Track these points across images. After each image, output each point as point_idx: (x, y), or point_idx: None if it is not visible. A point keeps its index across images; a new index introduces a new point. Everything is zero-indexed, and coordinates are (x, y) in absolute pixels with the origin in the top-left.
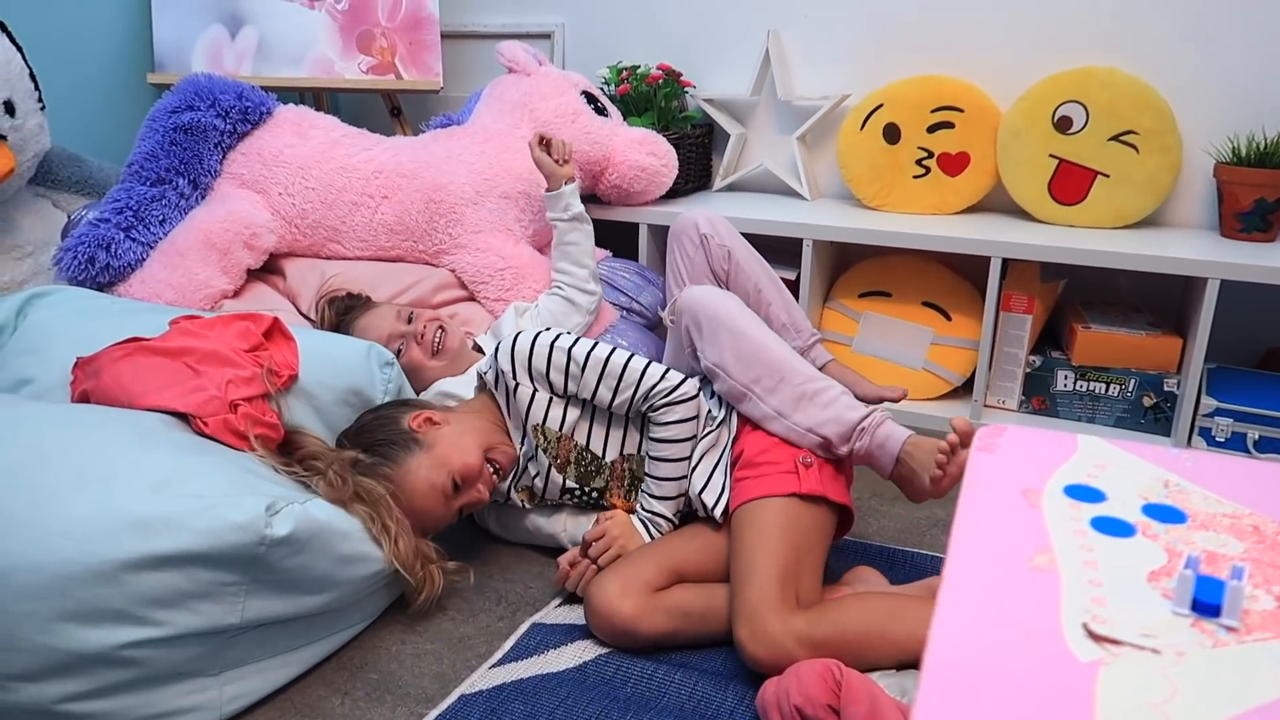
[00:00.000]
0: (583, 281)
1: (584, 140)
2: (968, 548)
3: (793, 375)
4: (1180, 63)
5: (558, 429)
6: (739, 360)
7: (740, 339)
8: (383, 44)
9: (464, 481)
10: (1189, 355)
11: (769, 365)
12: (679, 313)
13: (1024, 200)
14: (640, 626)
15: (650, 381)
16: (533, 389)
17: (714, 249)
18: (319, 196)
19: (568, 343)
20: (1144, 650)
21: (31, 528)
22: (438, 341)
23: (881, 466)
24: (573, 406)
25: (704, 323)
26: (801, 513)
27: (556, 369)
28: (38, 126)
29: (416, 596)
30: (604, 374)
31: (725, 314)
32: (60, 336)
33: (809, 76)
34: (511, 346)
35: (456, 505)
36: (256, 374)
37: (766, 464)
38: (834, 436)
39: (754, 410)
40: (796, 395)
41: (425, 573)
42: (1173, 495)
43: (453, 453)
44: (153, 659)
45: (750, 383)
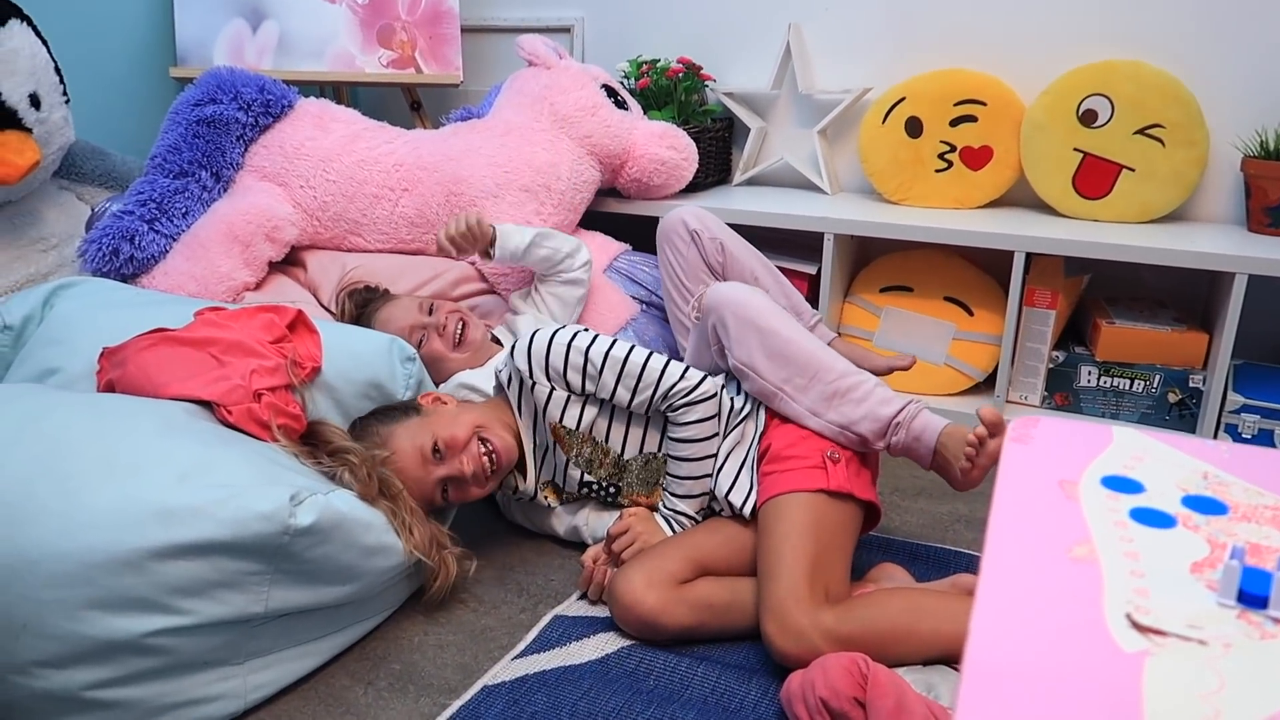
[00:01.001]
0: (569, 269)
1: (604, 134)
2: (1005, 539)
3: (824, 372)
4: (1207, 56)
5: (575, 427)
6: (769, 359)
7: (769, 337)
8: (403, 38)
9: (446, 449)
10: (1215, 351)
11: (800, 363)
12: (705, 311)
13: (1048, 194)
14: (664, 619)
15: (670, 381)
16: (550, 388)
17: (706, 243)
18: (340, 189)
19: (585, 342)
20: (1190, 641)
21: (59, 516)
22: (459, 333)
23: (920, 458)
24: (590, 405)
25: (731, 321)
26: (829, 508)
27: (574, 369)
28: (62, 120)
29: (432, 583)
30: (622, 374)
31: (754, 312)
32: (86, 327)
33: (830, 70)
34: (528, 346)
35: (437, 474)
36: (280, 365)
37: (794, 458)
38: (869, 433)
39: (786, 408)
40: (829, 393)
41: (439, 558)
42: (1212, 487)
43: (442, 420)
44: (178, 647)
45: (781, 382)
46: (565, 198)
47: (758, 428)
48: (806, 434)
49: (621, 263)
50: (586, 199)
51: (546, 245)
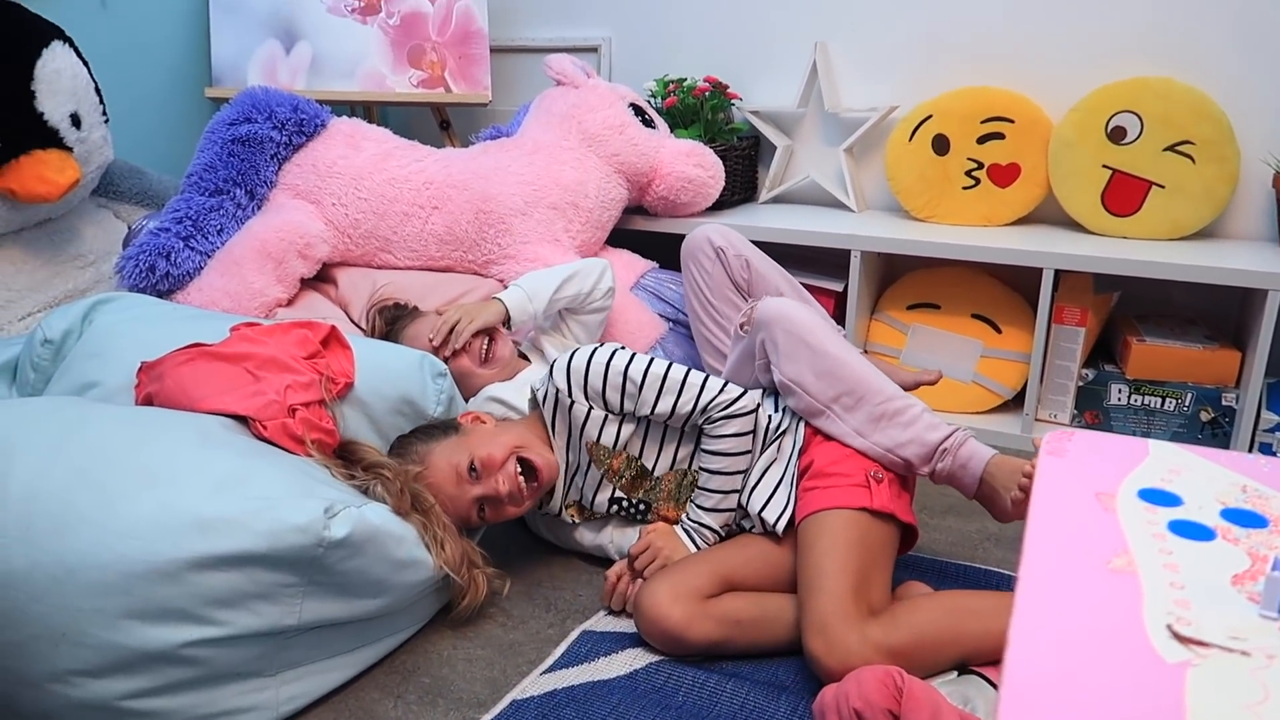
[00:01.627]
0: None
1: (631, 152)
2: (1043, 551)
3: (873, 394)
4: (1237, 72)
5: (611, 445)
6: (818, 378)
7: (820, 356)
8: (433, 58)
9: (482, 468)
10: (1248, 369)
11: (850, 383)
12: (756, 325)
13: (1076, 211)
14: (689, 633)
15: (710, 394)
16: (588, 406)
17: (731, 260)
18: (371, 207)
19: (624, 361)
20: (1233, 652)
21: (98, 527)
22: (485, 349)
23: (965, 487)
24: (627, 423)
25: (781, 338)
26: (871, 526)
27: (613, 388)
28: (101, 139)
29: (460, 600)
30: (662, 389)
31: (805, 329)
32: (124, 341)
33: (856, 88)
34: (567, 365)
35: (473, 494)
36: (314, 380)
37: (837, 475)
38: (915, 457)
39: (832, 427)
40: (876, 415)
41: (470, 576)
42: (1251, 500)
43: (481, 439)
44: (213, 658)
45: (830, 401)
46: (593, 215)
47: (795, 444)
48: (850, 452)
49: (649, 280)
50: (614, 217)
51: (566, 295)
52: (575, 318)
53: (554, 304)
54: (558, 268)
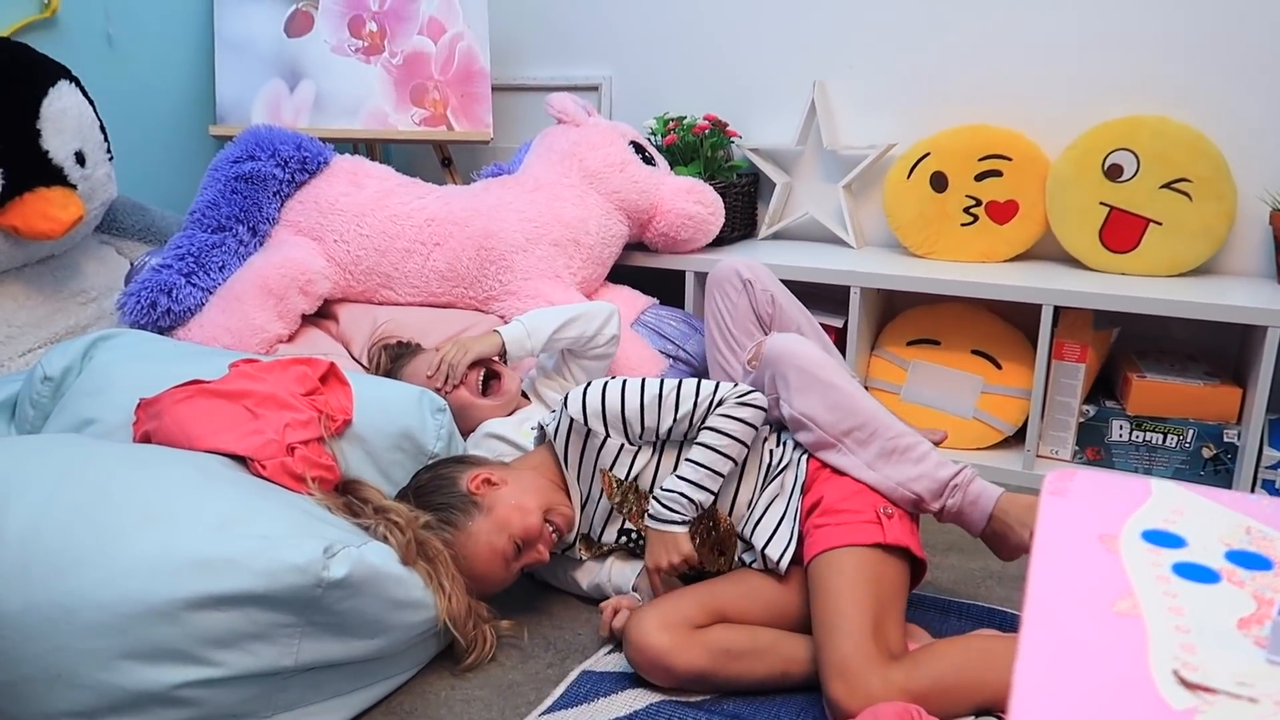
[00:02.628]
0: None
1: (632, 189)
2: (1047, 593)
3: (884, 429)
4: (1232, 110)
5: (624, 476)
6: (831, 411)
7: (832, 390)
8: (435, 96)
9: (525, 544)
10: (1249, 405)
11: (861, 418)
12: (766, 361)
13: (1075, 248)
14: (676, 660)
15: (725, 390)
16: (605, 434)
17: (758, 294)
18: (373, 244)
19: (636, 385)
20: (1240, 699)
21: (97, 566)
22: (486, 382)
23: (972, 524)
24: (641, 454)
25: (792, 374)
26: (885, 564)
27: (632, 410)
28: (106, 176)
29: (467, 656)
30: (680, 396)
31: (817, 365)
32: (123, 378)
33: (855, 126)
34: (583, 397)
35: (517, 567)
36: (313, 418)
37: (848, 511)
38: (926, 493)
39: (843, 461)
40: (888, 450)
41: (478, 632)
42: (1256, 541)
43: (513, 515)
44: (208, 699)
45: (842, 435)
46: (594, 252)
47: (798, 479)
48: (860, 488)
49: (649, 317)
50: (615, 253)
51: (567, 335)
52: (578, 361)
53: (554, 343)
54: (563, 307)
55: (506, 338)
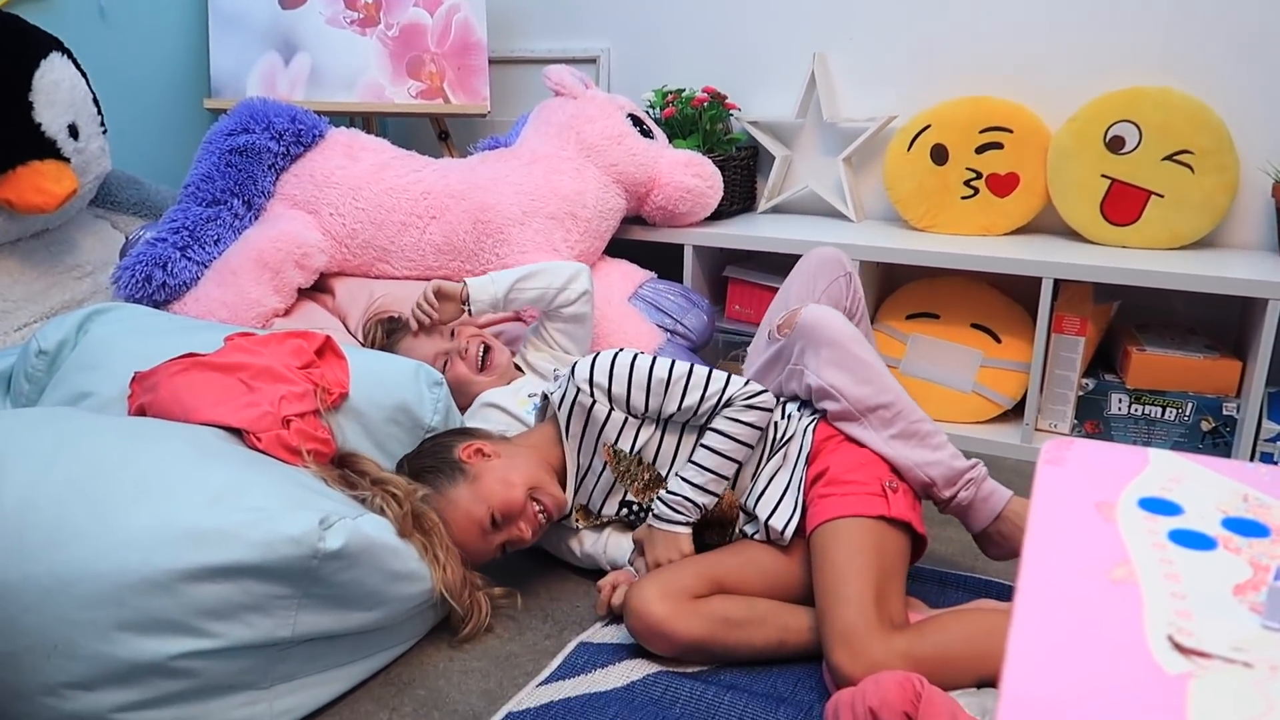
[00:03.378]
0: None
1: (630, 162)
2: (1042, 561)
3: (909, 411)
4: (1236, 81)
5: (629, 449)
6: (860, 386)
7: (863, 365)
8: (432, 69)
9: (503, 518)
10: (1249, 378)
11: (889, 396)
12: (797, 330)
13: (1075, 221)
14: (676, 626)
15: (735, 387)
16: (609, 408)
17: (853, 290)
18: (369, 217)
19: (646, 362)
20: (1235, 664)
21: (92, 538)
22: (481, 356)
23: (976, 519)
24: (645, 428)
25: (825, 346)
26: (887, 535)
27: (639, 388)
28: (99, 150)
29: (463, 625)
30: (689, 385)
31: (851, 340)
32: (119, 352)
33: (855, 98)
34: (590, 367)
35: (496, 541)
36: (309, 391)
37: (853, 483)
38: (940, 479)
39: (865, 436)
40: (910, 431)
41: (473, 600)
42: (1253, 509)
43: (495, 487)
44: (206, 670)
45: (868, 410)
46: (591, 225)
47: (802, 450)
48: (866, 460)
49: (646, 291)
50: (612, 227)
51: (532, 287)
52: (554, 325)
53: (517, 292)
54: (528, 265)
55: (470, 282)
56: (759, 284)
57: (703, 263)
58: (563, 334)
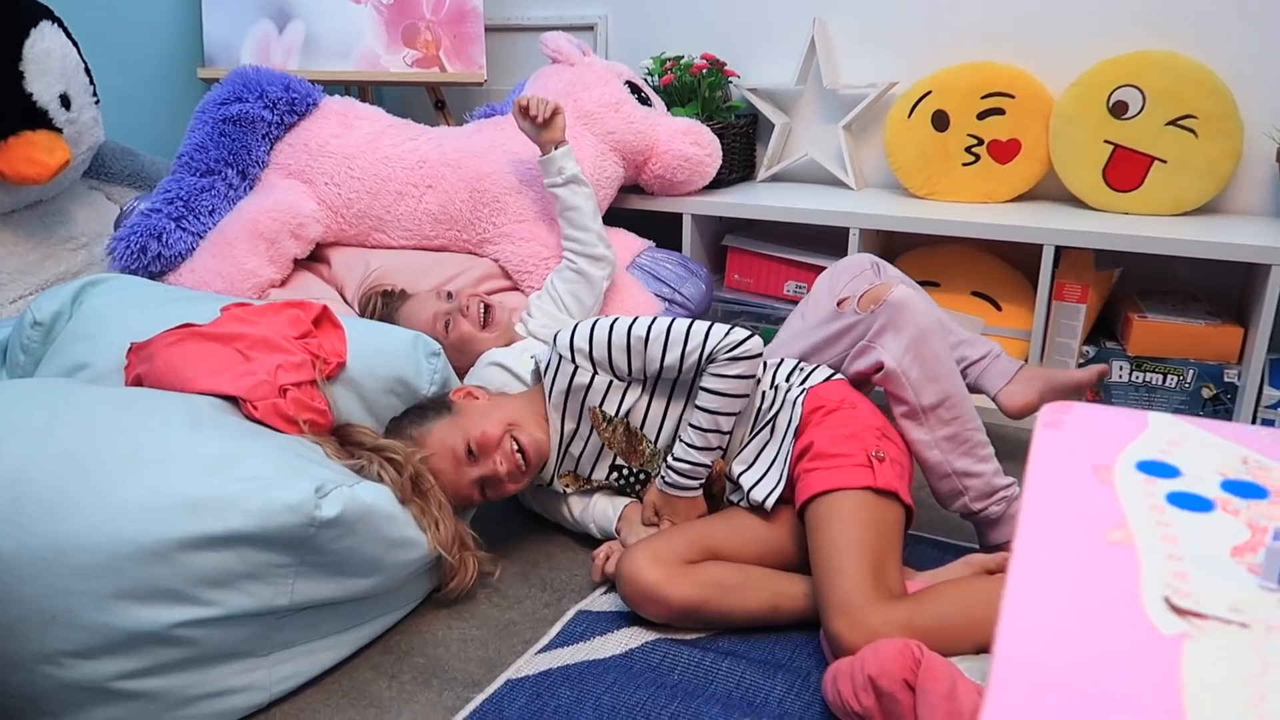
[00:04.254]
0: (591, 246)
1: (628, 130)
2: (1040, 522)
3: (967, 418)
4: (1241, 46)
5: (615, 413)
6: (930, 381)
7: (938, 363)
8: (427, 37)
9: (479, 449)
10: (1250, 345)
11: (954, 399)
12: (885, 306)
13: (1077, 187)
14: (668, 591)
15: (716, 338)
16: (593, 372)
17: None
18: (364, 186)
19: (626, 323)
20: (1231, 624)
21: (89, 508)
22: (484, 313)
23: (997, 534)
24: (631, 391)
25: (910, 330)
26: (879, 505)
27: (619, 349)
28: (92, 120)
29: (449, 580)
30: (669, 340)
31: (932, 331)
32: (114, 323)
33: (855, 65)
34: (571, 336)
35: (473, 475)
36: (306, 360)
37: (839, 455)
38: (975, 491)
39: (914, 431)
40: (963, 438)
41: (460, 558)
42: (1252, 471)
43: (474, 420)
44: (204, 639)
45: (929, 406)
46: None
47: (791, 421)
48: (851, 433)
49: (644, 260)
50: (609, 195)
51: (587, 205)
52: (566, 278)
53: (574, 192)
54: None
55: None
56: (758, 253)
57: (701, 231)
58: (571, 295)
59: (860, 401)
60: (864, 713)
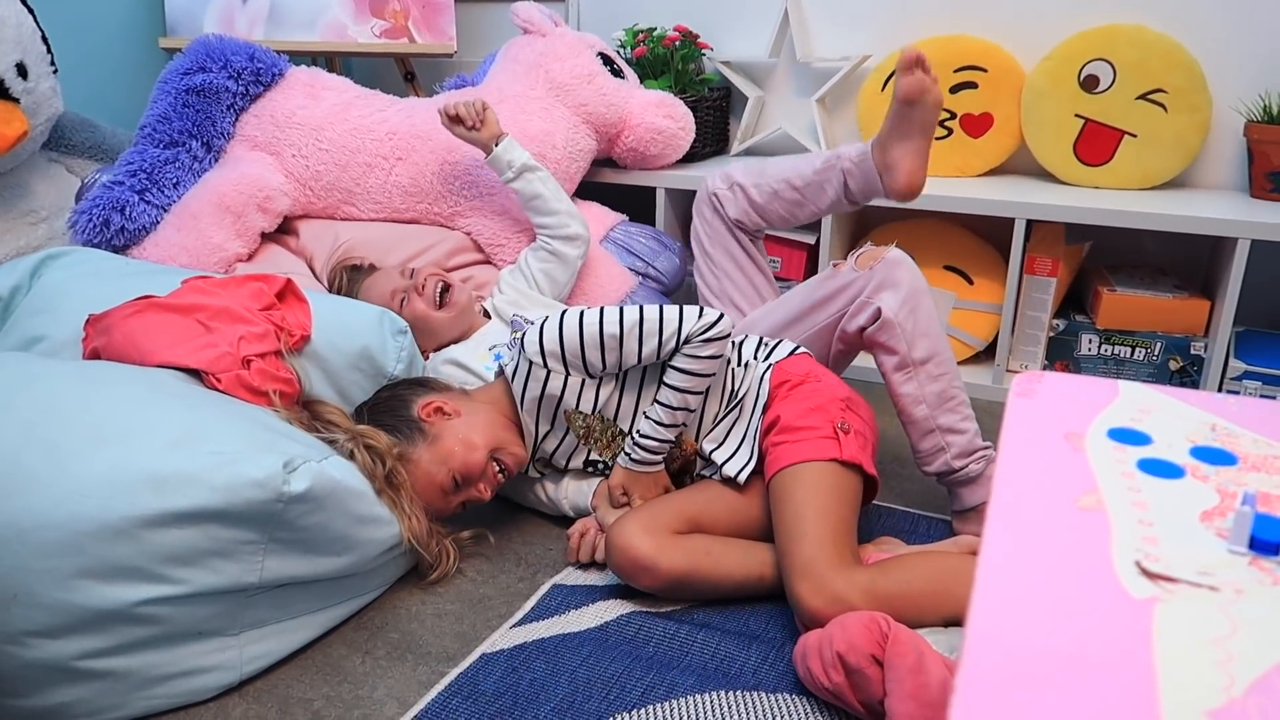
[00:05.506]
0: (563, 227)
1: (600, 102)
2: (1012, 490)
3: (953, 376)
4: (1210, 20)
5: (590, 409)
6: (922, 337)
7: (930, 320)
8: (396, 7)
9: (464, 480)
10: (1217, 318)
11: (941, 355)
12: (882, 265)
13: (1049, 161)
14: (659, 560)
15: (690, 324)
16: (565, 375)
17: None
18: (332, 158)
19: (595, 317)
20: (1201, 588)
21: (50, 485)
22: (438, 293)
23: (973, 495)
24: (604, 386)
25: (906, 285)
26: (841, 476)
27: (593, 347)
28: (50, 90)
29: (432, 571)
30: (643, 333)
31: (924, 291)
32: (73, 296)
33: (828, 37)
34: (540, 337)
35: (455, 501)
36: (269, 331)
37: (805, 429)
38: (957, 448)
39: (904, 386)
40: (948, 395)
41: (440, 547)
42: (1221, 438)
43: (457, 449)
44: (171, 617)
45: (919, 360)
46: (560, 166)
47: (759, 399)
48: (817, 406)
49: (618, 233)
50: (582, 168)
51: (547, 188)
52: (540, 257)
53: (530, 180)
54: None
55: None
56: None
57: (675, 206)
58: (544, 274)
59: (825, 375)
60: (835, 689)
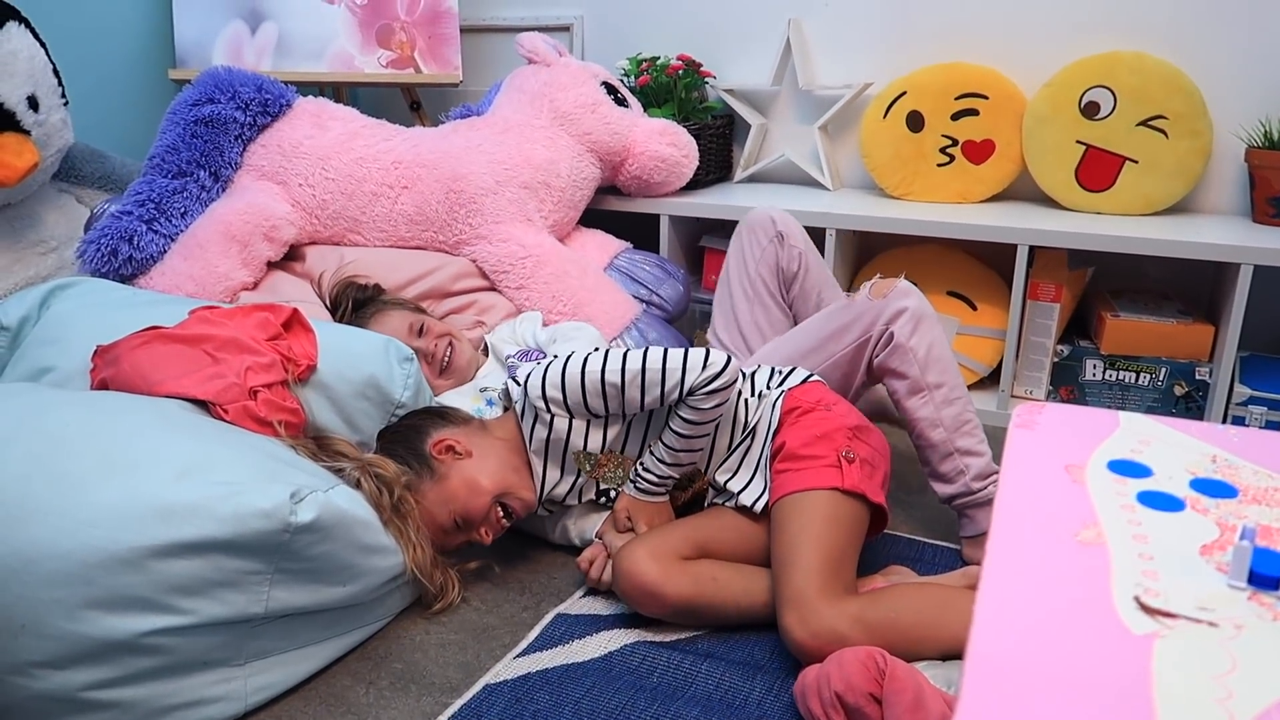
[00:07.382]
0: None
1: (604, 131)
2: (1012, 522)
3: (966, 401)
4: (1210, 46)
5: (599, 449)
6: (935, 362)
7: (941, 345)
8: (402, 38)
9: (464, 523)
10: (1221, 343)
11: (954, 380)
12: (894, 294)
13: (1050, 187)
14: (667, 587)
15: (694, 374)
16: (569, 418)
17: (787, 249)
18: (339, 187)
19: (597, 365)
20: (1200, 623)
21: (57, 515)
22: (446, 359)
23: (986, 519)
24: (611, 426)
25: (913, 313)
26: (843, 506)
27: (595, 395)
28: (61, 122)
29: (436, 602)
30: (645, 383)
31: (937, 322)
32: (81, 326)
33: (830, 65)
34: (542, 383)
35: (455, 542)
36: (275, 361)
37: (810, 457)
38: (976, 470)
39: (921, 410)
40: (964, 419)
41: (445, 578)
42: (1221, 470)
43: (461, 491)
44: (178, 647)
45: (933, 385)
46: (565, 195)
47: (770, 427)
48: (824, 433)
49: (622, 261)
50: (586, 196)
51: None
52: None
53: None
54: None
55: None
56: None
57: (679, 233)
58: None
59: (837, 403)
60: None
